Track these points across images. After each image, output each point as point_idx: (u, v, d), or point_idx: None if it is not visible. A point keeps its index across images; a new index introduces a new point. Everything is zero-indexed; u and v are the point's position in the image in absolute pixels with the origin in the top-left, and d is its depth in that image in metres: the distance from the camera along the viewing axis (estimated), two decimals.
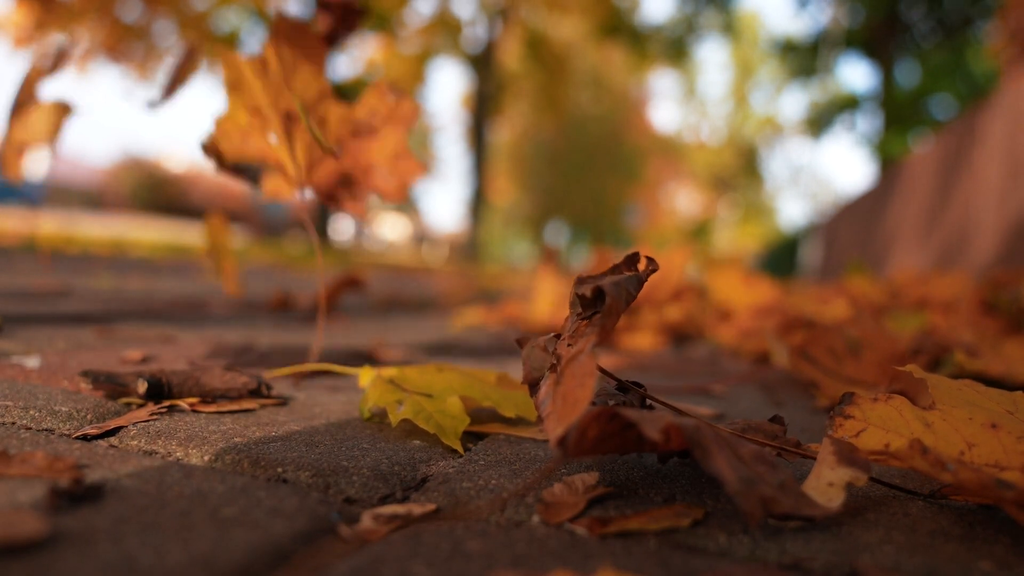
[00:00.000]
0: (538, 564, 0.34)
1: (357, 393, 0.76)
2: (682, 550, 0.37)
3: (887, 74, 12.33)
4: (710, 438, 0.39)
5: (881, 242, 5.48)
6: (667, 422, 0.38)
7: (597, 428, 0.39)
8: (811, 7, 13.40)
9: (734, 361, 1.35)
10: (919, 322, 1.64)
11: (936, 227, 4.19)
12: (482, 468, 0.50)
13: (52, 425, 0.54)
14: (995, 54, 5.26)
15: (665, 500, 0.44)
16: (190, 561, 0.32)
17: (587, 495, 0.43)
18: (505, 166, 23.85)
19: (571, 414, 0.39)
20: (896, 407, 0.47)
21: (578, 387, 0.40)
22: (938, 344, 1.08)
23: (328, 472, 0.46)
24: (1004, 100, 3.37)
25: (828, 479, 0.41)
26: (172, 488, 0.41)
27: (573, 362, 0.42)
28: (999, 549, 0.39)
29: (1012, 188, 3.13)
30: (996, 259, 3.18)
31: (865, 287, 2.63)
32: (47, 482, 0.40)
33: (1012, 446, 0.44)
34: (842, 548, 0.38)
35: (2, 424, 0.54)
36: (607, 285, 0.45)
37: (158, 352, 0.96)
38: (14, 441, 0.49)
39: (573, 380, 0.41)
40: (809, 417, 0.80)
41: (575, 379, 0.41)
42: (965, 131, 3.88)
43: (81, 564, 0.30)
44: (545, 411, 0.43)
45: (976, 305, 1.77)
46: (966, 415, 0.46)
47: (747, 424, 0.52)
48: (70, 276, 2.50)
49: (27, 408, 0.57)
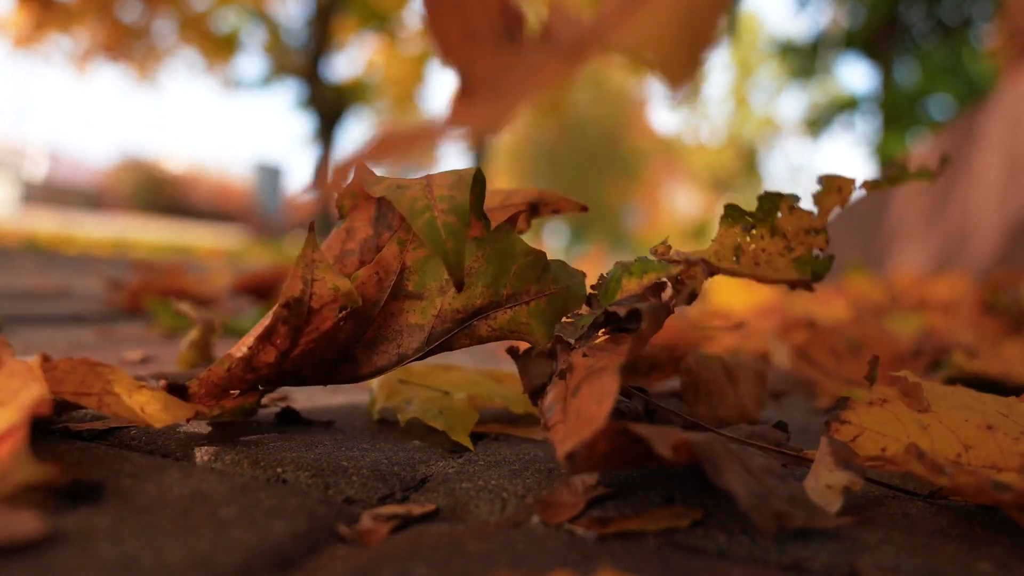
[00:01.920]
0: (537, 564, 0.34)
1: (357, 393, 0.76)
2: (682, 550, 0.37)
3: (886, 74, 12.34)
4: (720, 453, 0.38)
5: (881, 243, 5.49)
6: (677, 438, 0.38)
7: (606, 443, 0.39)
8: (810, 8, 13.41)
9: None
10: (919, 323, 1.64)
11: (935, 228, 4.20)
12: (482, 468, 0.50)
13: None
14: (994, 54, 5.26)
15: (665, 500, 0.44)
16: (189, 561, 0.32)
17: (587, 495, 0.43)
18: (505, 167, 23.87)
19: (584, 430, 0.38)
20: (892, 411, 0.47)
21: (595, 404, 0.39)
22: (938, 345, 1.08)
23: (327, 472, 0.46)
24: (1003, 100, 3.38)
25: (826, 482, 0.41)
26: (171, 488, 0.41)
27: (593, 377, 0.42)
28: (998, 550, 0.39)
29: (1011, 189, 3.13)
30: (995, 260, 3.18)
31: (865, 287, 2.63)
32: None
33: (1009, 447, 0.44)
34: (841, 548, 0.38)
35: None
36: (644, 308, 0.44)
37: (157, 352, 0.96)
38: None
39: (591, 396, 0.40)
40: (810, 417, 0.80)
41: (593, 396, 0.40)
42: (964, 131, 3.89)
43: (80, 564, 0.30)
44: (552, 419, 0.42)
45: (976, 306, 1.77)
46: (962, 417, 0.46)
47: (751, 430, 0.52)
48: (69, 276, 2.50)
49: None
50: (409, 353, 0.52)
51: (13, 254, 3.76)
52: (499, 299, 0.52)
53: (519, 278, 0.52)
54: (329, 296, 0.50)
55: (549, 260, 0.53)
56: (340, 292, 0.50)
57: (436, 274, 0.52)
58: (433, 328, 0.52)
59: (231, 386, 0.53)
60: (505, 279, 0.52)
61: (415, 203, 0.44)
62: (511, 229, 0.52)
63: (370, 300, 0.53)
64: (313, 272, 0.50)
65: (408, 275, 0.53)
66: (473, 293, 0.52)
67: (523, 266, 0.52)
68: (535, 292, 0.52)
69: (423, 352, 0.52)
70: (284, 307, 0.50)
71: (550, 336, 0.51)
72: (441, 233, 0.43)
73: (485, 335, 0.52)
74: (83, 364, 0.47)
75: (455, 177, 0.46)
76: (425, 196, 0.44)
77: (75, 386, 0.47)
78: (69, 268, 3.06)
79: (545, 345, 0.50)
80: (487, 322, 0.52)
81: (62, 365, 0.47)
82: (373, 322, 0.53)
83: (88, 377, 0.47)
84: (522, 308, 0.51)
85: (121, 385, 0.47)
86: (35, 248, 4.66)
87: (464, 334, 0.52)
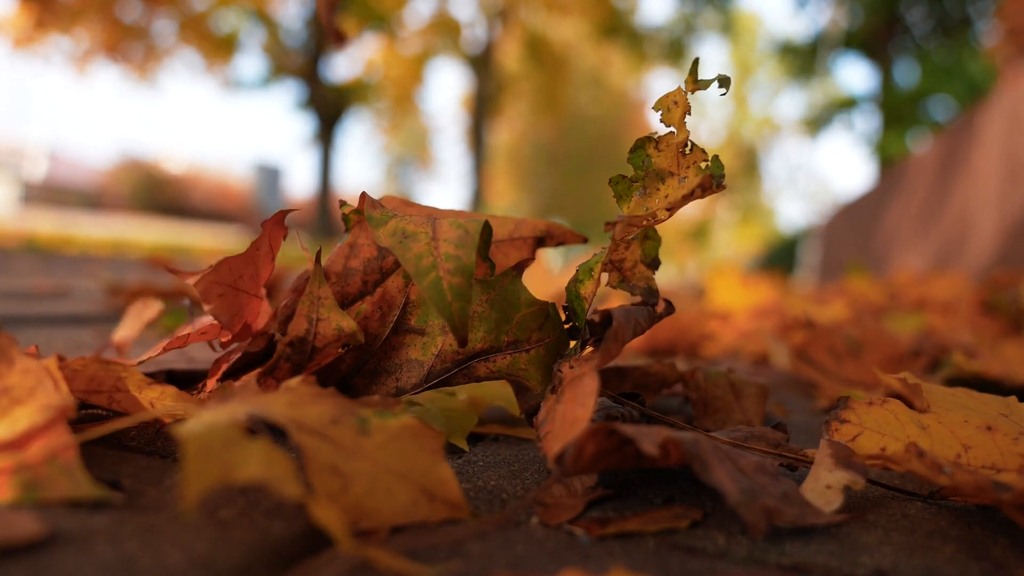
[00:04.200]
0: (537, 565, 0.34)
1: None
2: (681, 551, 0.37)
3: (886, 75, 12.35)
4: (709, 451, 0.39)
5: (880, 243, 5.49)
6: (664, 437, 0.38)
7: (595, 445, 0.39)
8: (810, 8, 13.42)
9: (734, 362, 1.35)
10: (918, 323, 1.64)
11: (935, 228, 4.20)
12: (481, 469, 0.50)
13: None
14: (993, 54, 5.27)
15: (664, 502, 0.44)
16: (189, 562, 0.32)
17: (586, 497, 0.43)
18: (504, 167, 23.87)
19: (570, 432, 0.39)
20: (892, 411, 0.47)
21: (578, 406, 0.40)
22: (937, 345, 1.08)
23: None
24: (1002, 100, 3.38)
25: (826, 482, 0.41)
26: (171, 489, 0.41)
27: (574, 382, 0.42)
28: (997, 550, 0.39)
29: (1010, 189, 3.13)
30: (994, 260, 3.18)
31: (864, 288, 2.64)
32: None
33: (1008, 448, 0.44)
34: (841, 549, 0.38)
35: None
36: (617, 311, 0.45)
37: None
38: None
39: (573, 400, 0.41)
40: (809, 418, 0.80)
41: (575, 399, 0.41)
42: (963, 131, 3.89)
43: (80, 565, 0.30)
44: (544, 430, 0.43)
45: (975, 306, 1.77)
46: (962, 418, 0.46)
47: (749, 432, 0.52)
48: (69, 277, 2.50)
49: None
50: (407, 388, 0.53)
51: (12, 254, 3.76)
52: (499, 345, 0.52)
53: (521, 327, 0.52)
54: (332, 336, 0.50)
55: (549, 306, 0.53)
56: (344, 332, 0.50)
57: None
58: (432, 366, 0.52)
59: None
60: (507, 326, 0.52)
61: (420, 260, 0.44)
62: (516, 277, 0.53)
63: (372, 334, 0.53)
64: (319, 311, 0.50)
65: (411, 310, 0.53)
66: (475, 337, 0.52)
67: (526, 316, 0.52)
68: (536, 340, 0.52)
69: (420, 388, 0.53)
70: (288, 346, 0.50)
71: (547, 381, 0.52)
72: (447, 295, 0.43)
73: (483, 376, 0.52)
74: (94, 362, 0.47)
75: (462, 233, 0.45)
76: (431, 252, 0.44)
77: (85, 384, 0.48)
78: (68, 268, 3.06)
79: (539, 389, 0.51)
80: (486, 364, 0.52)
81: (73, 363, 0.47)
82: (374, 355, 0.54)
83: (99, 374, 0.47)
84: (522, 355, 0.52)
85: (132, 382, 0.47)
86: (34, 248, 4.66)
87: (463, 374, 0.53)
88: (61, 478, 0.36)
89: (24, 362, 0.40)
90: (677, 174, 0.50)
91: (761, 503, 0.36)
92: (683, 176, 0.49)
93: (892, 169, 5.79)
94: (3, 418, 0.38)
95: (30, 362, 0.41)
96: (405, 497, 0.37)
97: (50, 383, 0.39)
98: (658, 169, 0.50)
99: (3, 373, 0.40)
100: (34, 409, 0.38)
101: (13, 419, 0.37)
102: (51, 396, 0.38)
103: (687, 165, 0.49)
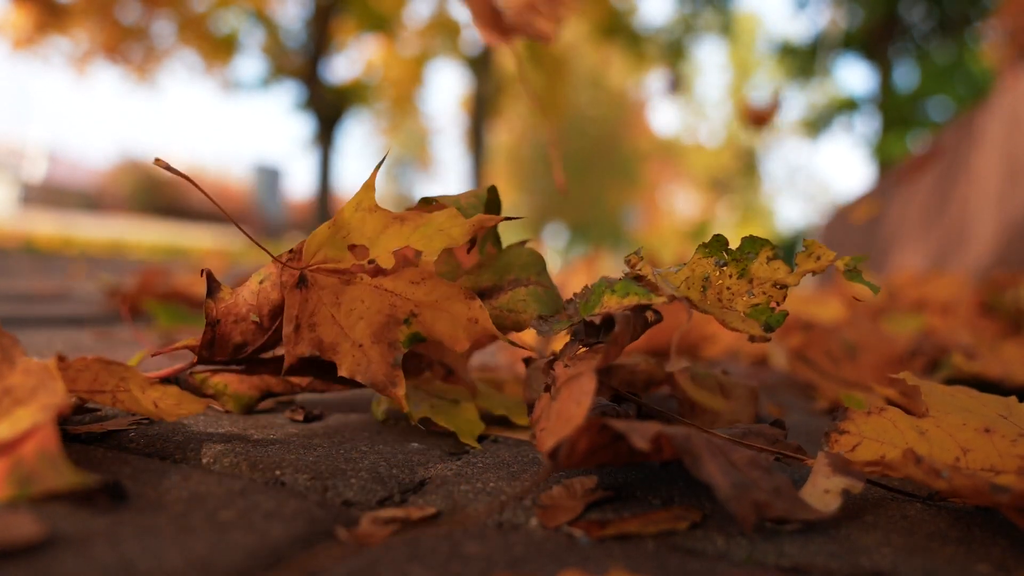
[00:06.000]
0: (536, 567, 0.34)
1: (355, 394, 0.76)
2: (680, 553, 0.37)
3: (885, 76, 12.34)
4: (701, 445, 0.39)
5: (879, 243, 5.49)
6: (656, 431, 0.38)
7: (588, 440, 0.39)
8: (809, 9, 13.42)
9: (733, 363, 1.35)
10: (917, 324, 1.64)
11: (934, 228, 4.20)
12: (480, 471, 0.50)
13: None
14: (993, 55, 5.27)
15: (663, 503, 0.44)
16: (188, 564, 0.32)
17: (585, 498, 0.43)
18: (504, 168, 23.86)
19: (564, 428, 0.39)
20: (890, 418, 0.47)
21: (575, 404, 0.40)
22: (936, 346, 1.08)
23: (326, 475, 0.46)
24: (1002, 101, 3.38)
25: (824, 487, 0.41)
26: (170, 491, 0.41)
27: (572, 381, 0.43)
28: (997, 551, 0.39)
29: (1010, 190, 3.14)
30: (994, 261, 3.18)
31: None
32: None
33: (1006, 449, 0.44)
34: (840, 551, 0.38)
35: None
36: (618, 314, 0.46)
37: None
38: None
39: (570, 398, 0.41)
40: (808, 419, 0.80)
41: (572, 397, 0.41)
42: (963, 133, 3.89)
43: (79, 567, 0.30)
44: (539, 427, 0.44)
45: (974, 307, 1.77)
46: (960, 421, 0.46)
47: (747, 429, 0.52)
48: (68, 278, 2.50)
49: None
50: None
51: (11, 255, 3.75)
52: (502, 284, 0.60)
53: (523, 268, 0.60)
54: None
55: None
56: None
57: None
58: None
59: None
60: (511, 270, 0.60)
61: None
62: (522, 244, 0.63)
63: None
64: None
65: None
66: (481, 277, 0.60)
67: (527, 261, 0.61)
68: (535, 281, 0.59)
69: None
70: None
71: (542, 311, 0.57)
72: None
73: (488, 311, 0.57)
74: (97, 362, 0.47)
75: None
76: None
77: (88, 384, 0.48)
78: (68, 269, 3.06)
79: (532, 321, 0.56)
80: (490, 301, 0.58)
81: (75, 364, 0.47)
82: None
83: (102, 375, 0.47)
84: (521, 289, 0.58)
85: (135, 382, 0.48)
86: (33, 250, 4.65)
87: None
88: (48, 471, 0.36)
89: (26, 362, 0.41)
90: (751, 287, 0.52)
91: (751, 497, 0.37)
92: (754, 294, 0.52)
93: (892, 170, 5.79)
94: (4, 418, 0.38)
95: (32, 362, 0.41)
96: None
97: (52, 383, 0.39)
98: (748, 269, 0.52)
99: (5, 373, 0.40)
100: (36, 409, 0.38)
101: (14, 419, 0.37)
102: (52, 396, 0.38)
103: (764, 293, 0.52)
